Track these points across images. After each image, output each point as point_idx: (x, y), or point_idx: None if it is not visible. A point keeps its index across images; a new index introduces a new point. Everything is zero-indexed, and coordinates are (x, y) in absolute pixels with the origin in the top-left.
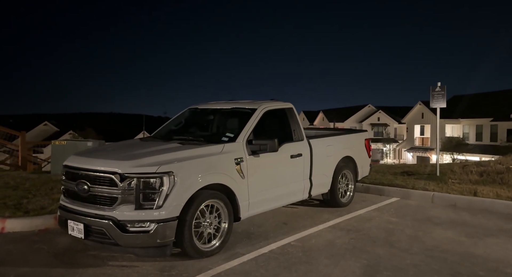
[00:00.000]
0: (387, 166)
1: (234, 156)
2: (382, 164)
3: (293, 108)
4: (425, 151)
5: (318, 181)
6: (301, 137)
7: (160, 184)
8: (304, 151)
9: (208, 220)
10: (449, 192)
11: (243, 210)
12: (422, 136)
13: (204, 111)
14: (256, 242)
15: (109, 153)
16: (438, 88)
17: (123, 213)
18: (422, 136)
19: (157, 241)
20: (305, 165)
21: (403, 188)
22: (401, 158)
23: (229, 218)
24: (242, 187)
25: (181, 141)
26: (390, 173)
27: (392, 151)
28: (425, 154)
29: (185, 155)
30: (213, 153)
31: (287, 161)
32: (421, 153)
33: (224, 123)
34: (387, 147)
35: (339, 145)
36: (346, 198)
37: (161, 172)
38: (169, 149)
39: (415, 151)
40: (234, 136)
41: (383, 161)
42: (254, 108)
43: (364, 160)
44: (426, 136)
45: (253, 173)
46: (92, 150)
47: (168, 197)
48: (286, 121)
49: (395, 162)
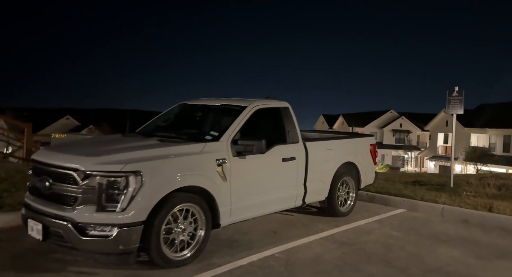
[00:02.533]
0: (399, 175)
1: (215, 157)
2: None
3: (289, 108)
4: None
5: (313, 187)
6: (296, 139)
7: (125, 185)
8: (299, 155)
9: (181, 226)
10: (461, 205)
11: (224, 216)
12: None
13: (193, 107)
14: (237, 252)
15: (77, 148)
16: (456, 92)
17: (83, 214)
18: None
19: (119, 247)
20: (299, 170)
21: (410, 199)
22: (423, 166)
23: (207, 224)
24: (223, 191)
25: (162, 138)
26: (401, 182)
27: (413, 159)
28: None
29: (158, 154)
30: (191, 153)
31: (278, 165)
32: (444, 162)
33: (212, 121)
34: (409, 154)
35: (339, 149)
36: (346, 207)
37: (127, 171)
38: (144, 146)
39: (437, 160)
40: (218, 135)
41: (403, 169)
42: (244, 106)
43: (369, 167)
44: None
45: (238, 176)
46: (65, 144)
47: (133, 199)
48: (280, 122)
49: (416, 171)
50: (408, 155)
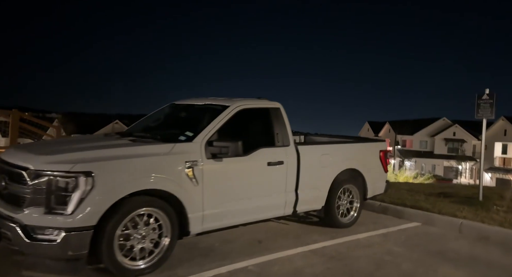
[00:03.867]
0: (424, 185)
1: (185, 159)
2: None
3: (280, 108)
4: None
5: (307, 195)
6: (287, 142)
7: (75, 186)
8: (288, 159)
9: (142, 232)
10: (485, 221)
11: (195, 223)
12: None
13: (178, 107)
14: (209, 262)
15: (38, 147)
16: (486, 95)
17: (31, 216)
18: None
19: (68, 253)
20: (288, 175)
21: (427, 211)
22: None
23: (172, 231)
24: (194, 195)
25: (136, 138)
26: (425, 193)
27: (468, 170)
28: (506, 176)
29: (118, 154)
30: (157, 153)
31: (262, 169)
32: (502, 174)
33: (193, 121)
34: (463, 165)
35: (339, 154)
36: (348, 218)
37: (76, 171)
38: (106, 146)
39: (494, 172)
40: (193, 135)
41: (456, 180)
42: (226, 106)
43: (377, 175)
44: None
45: (212, 180)
46: (35, 143)
47: (83, 201)
48: (269, 123)
49: (470, 183)
50: (462, 166)
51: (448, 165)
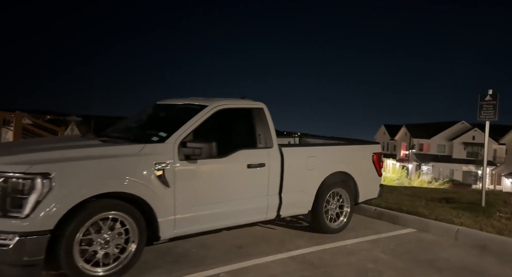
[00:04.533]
0: (428, 190)
1: (155, 160)
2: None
3: (264, 109)
4: None
5: (291, 198)
6: (270, 144)
7: (31, 188)
8: (271, 161)
9: (106, 237)
10: (483, 228)
11: (165, 227)
12: None
13: (159, 107)
14: (179, 269)
15: (6, 147)
16: (489, 96)
17: None
18: None
19: (23, 258)
20: (271, 178)
21: (423, 217)
22: (498, 184)
23: (140, 236)
24: (164, 199)
25: (109, 138)
26: (427, 197)
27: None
28: None
29: (81, 155)
30: (125, 154)
31: (241, 171)
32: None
33: (170, 121)
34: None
35: (327, 157)
36: (337, 223)
37: (32, 172)
38: (73, 147)
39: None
40: (166, 136)
41: (476, 186)
42: (204, 105)
43: (370, 179)
44: None
45: (185, 182)
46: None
47: (39, 204)
48: (251, 124)
49: (490, 188)
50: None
51: (467, 169)
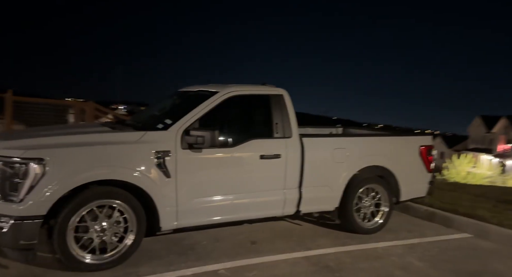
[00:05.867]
0: (506, 189)
1: (155, 148)
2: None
3: (284, 96)
4: None
5: (314, 193)
6: (288, 133)
7: (25, 172)
8: (288, 152)
9: (102, 226)
10: None
11: (167, 218)
12: None
13: (178, 94)
14: (180, 262)
15: (12, 134)
16: None
17: None
18: None
19: (19, 242)
20: (288, 171)
21: (483, 221)
22: None
23: (138, 226)
24: (165, 189)
25: (121, 126)
26: (498, 199)
27: None
28: None
29: (78, 141)
30: (123, 141)
31: (253, 163)
32: None
33: (181, 108)
34: None
35: (359, 149)
36: (372, 223)
37: (27, 157)
38: (73, 133)
39: None
40: (171, 123)
41: None
42: (214, 92)
43: (416, 175)
44: None
45: (188, 172)
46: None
47: (32, 189)
48: (267, 112)
49: None
50: None
51: None
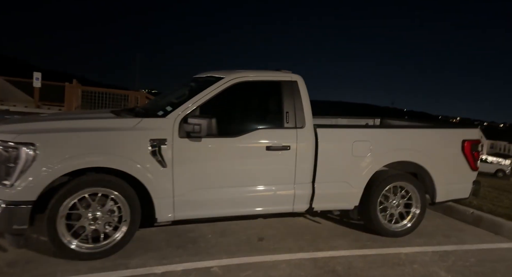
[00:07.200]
0: None
1: (150, 136)
2: None
3: (298, 82)
4: None
5: (329, 189)
6: (300, 123)
7: (16, 157)
8: (299, 144)
9: (95, 214)
10: None
11: (163, 209)
12: None
13: (191, 81)
14: (174, 256)
15: (22, 119)
16: None
17: None
18: None
19: (13, 226)
20: (299, 164)
21: None
22: None
23: (132, 217)
24: (160, 178)
25: (127, 113)
26: None
27: None
28: None
29: (71, 126)
30: (117, 128)
31: (258, 154)
32: None
33: (186, 95)
34: None
35: (385, 142)
36: (400, 225)
37: (18, 142)
38: (70, 118)
39: None
40: (170, 110)
41: None
42: (220, 77)
43: (456, 173)
44: None
45: (185, 162)
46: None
47: (22, 174)
48: (277, 100)
49: None
50: None
51: None
